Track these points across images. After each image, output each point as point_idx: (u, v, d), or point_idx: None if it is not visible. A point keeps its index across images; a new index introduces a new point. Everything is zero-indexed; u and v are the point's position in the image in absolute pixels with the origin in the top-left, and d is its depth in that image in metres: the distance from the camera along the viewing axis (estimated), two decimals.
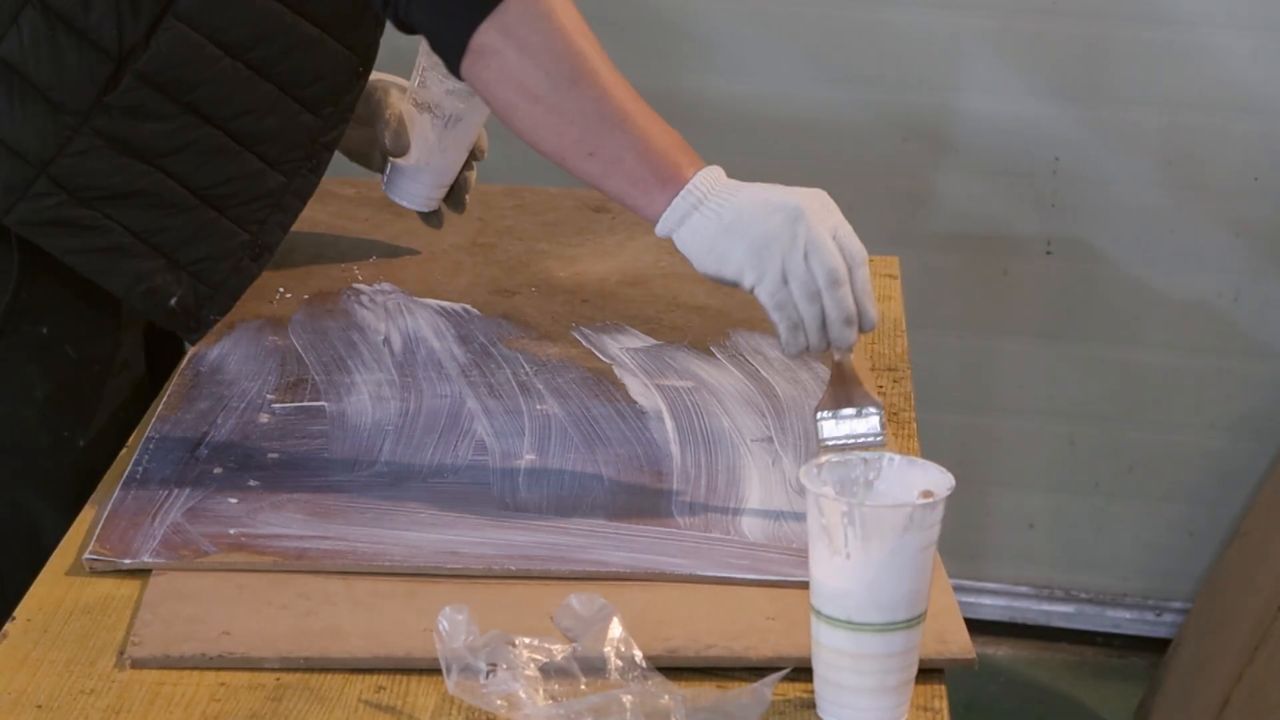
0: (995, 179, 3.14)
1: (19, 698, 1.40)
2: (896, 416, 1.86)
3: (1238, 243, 3.11)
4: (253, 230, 1.85)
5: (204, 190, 1.82)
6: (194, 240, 1.83)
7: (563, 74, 1.67)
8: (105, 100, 1.76)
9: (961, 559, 3.28)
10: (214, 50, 1.77)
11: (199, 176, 1.81)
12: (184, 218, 1.82)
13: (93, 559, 1.56)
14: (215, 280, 1.85)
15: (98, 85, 1.76)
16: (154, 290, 1.82)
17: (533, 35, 1.66)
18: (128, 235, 1.80)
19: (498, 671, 1.38)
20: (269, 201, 1.85)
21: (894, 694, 1.38)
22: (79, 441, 1.84)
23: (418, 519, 1.62)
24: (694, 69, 3.15)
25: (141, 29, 1.75)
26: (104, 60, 1.75)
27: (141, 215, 1.80)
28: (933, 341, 3.15)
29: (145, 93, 1.77)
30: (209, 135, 1.80)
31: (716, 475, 1.70)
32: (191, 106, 1.79)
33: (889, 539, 1.33)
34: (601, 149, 1.68)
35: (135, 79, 1.76)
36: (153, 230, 1.81)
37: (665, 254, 2.15)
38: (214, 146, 1.81)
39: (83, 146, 1.77)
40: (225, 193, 1.82)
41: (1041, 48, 3.07)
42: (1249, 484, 3.20)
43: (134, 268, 1.81)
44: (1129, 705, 3.15)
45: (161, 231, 1.81)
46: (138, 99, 1.77)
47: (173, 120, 1.78)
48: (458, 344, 1.92)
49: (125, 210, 1.80)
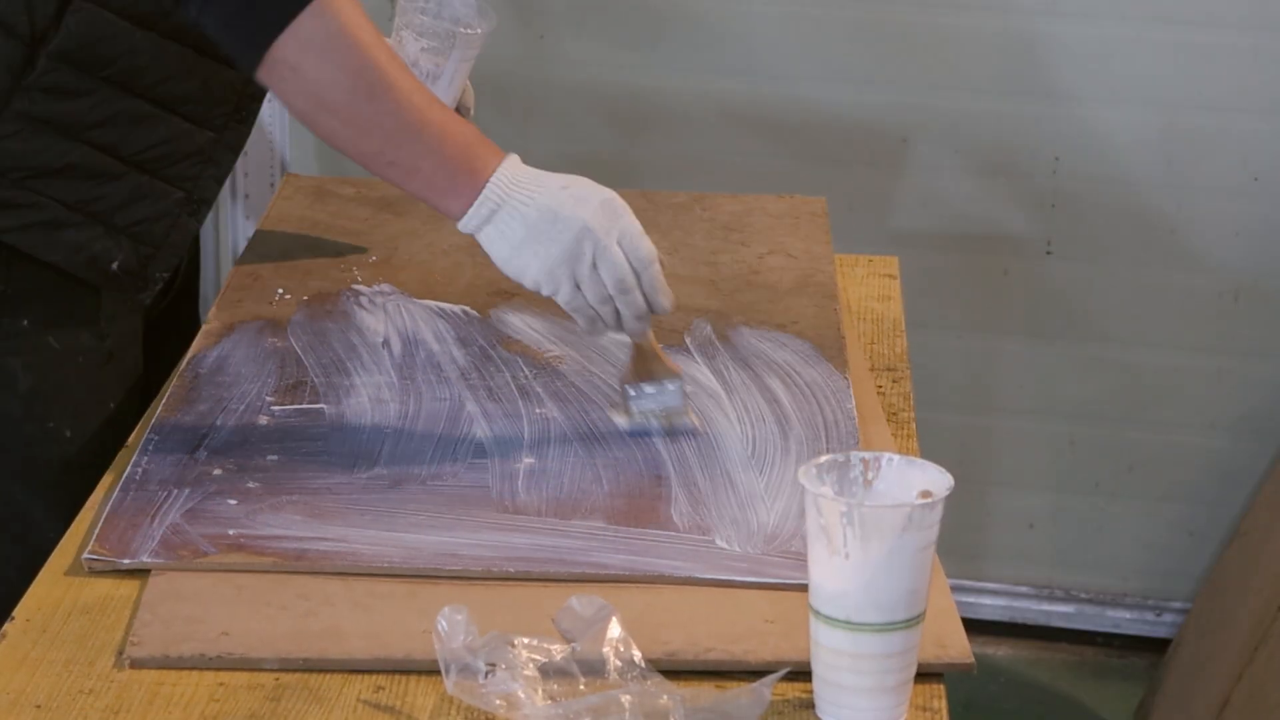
0: (995, 179, 3.14)
1: (18, 698, 1.40)
2: (896, 416, 1.86)
3: (1238, 243, 3.11)
4: (187, 187, 1.88)
5: (133, 157, 1.84)
6: (129, 205, 1.85)
7: (359, 88, 1.68)
8: (23, 83, 1.78)
9: (961, 559, 3.28)
10: (126, 24, 1.79)
11: (126, 144, 1.83)
12: (116, 185, 1.84)
13: (92, 559, 1.56)
14: (155, 239, 1.88)
15: (13, 70, 1.78)
16: (94, 257, 1.84)
17: (328, 50, 1.67)
18: (61, 208, 1.82)
19: (497, 672, 1.38)
20: (200, 158, 1.88)
21: (893, 694, 1.38)
22: (66, 432, 1.84)
23: (417, 521, 1.62)
24: (694, 69, 3.15)
25: (51, 11, 1.77)
26: (16, 45, 1.77)
27: (73, 187, 1.82)
28: (933, 341, 3.15)
29: (62, 72, 1.79)
30: (132, 105, 1.82)
31: (715, 478, 1.70)
32: (111, 79, 1.81)
33: (888, 539, 1.33)
34: (400, 158, 1.71)
35: (51, 60, 1.78)
36: (86, 200, 1.83)
37: (665, 255, 2.15)
38: (138, 115, 1.83)
39: (5, 131, 1.79)
40: (155, 156, 1.85)
41: (1041, 48, 3.07)
42: (1249, 484, 3.19)
43: (71, 239, 1.83)
44: (1129, 705, 3.15)
45: (95, 200, 1.84)
46: (55, 79, 1.79)
47: (93, 95, 1.81)
48: (457, 346, 1.92)
49: (56, 185, 1.82)
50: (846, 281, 2.18)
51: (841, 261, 2.21)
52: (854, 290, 2.16)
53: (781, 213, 2.28)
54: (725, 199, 2.32)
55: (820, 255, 2.17)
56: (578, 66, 3.18)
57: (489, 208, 1.71)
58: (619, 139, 3.20)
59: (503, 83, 3.16)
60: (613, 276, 1.71)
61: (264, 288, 2.03)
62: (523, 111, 3.20)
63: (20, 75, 1.78)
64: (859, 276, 2.20)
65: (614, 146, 3.20)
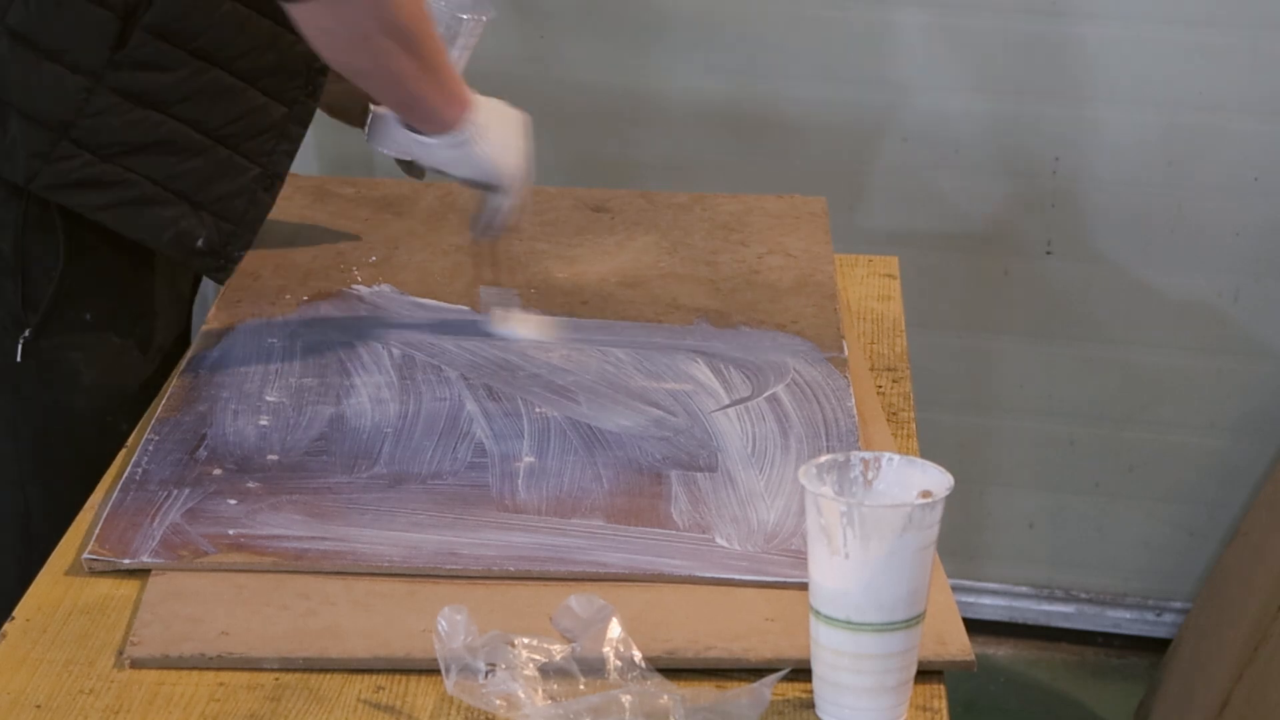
0: (995, 179, 3.14)
1: (18, 698, 1.40)
2: (896, 416, 1.86)
3: (1238, 243, 3.11)
4: (263, 162, 1.93)
5: (215, 131, 1.89)
6: (212, 180, 1.90)
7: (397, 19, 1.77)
8: (116, 57, 1.82)
9: (961, 559, 3.28)
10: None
11: (209, 119, 1.89)
12: (200, 160, 1.89)
13: (92, 559, 1.56)
14: (235, 215, 1.93)
15: (108, 43, 1.82)
16: (181, 235, 1.90)
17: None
18: (150, 184, 1.87)
19: (496, 671, 1.38)
20: (275, 133, 1.93)
21: (893, 694, 1.38)
22: (123, 427, 1.85)
23: (417, 520, 1.62)
24: (694, 69, 3.15)
25: None
26: (111, 19, 1.82)
27: (161, 163, 1.87)
28: (933, 341, 3.15)
29: (153, 45, 1.84)
30: (216, 78, 1.88)
31: (715, 477, 1.70)
32: (198, 53, 1.86)
33: (888, 539, 1.33)
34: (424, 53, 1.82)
35: (143, 33, 1.83)
36: (173, 176, 1.88)
37: (664, 255, 2.16)
38: (221, 88, 1.88)
39: (100, 105, 1.83)
40: (234, 131, 1.90)
41: (1041, 48, 3.07)
42: (1249, 484, 3.20)
43: (160, 215, 1.88)
44: (1129, 705, 3.15)
45: (181, 176, 1.88)
46: (147, 53, 1.84)
47: (182, 68, 1.86)
48: (457, 346, 1.92)
49: (145, 161, 1.87)
50: (846, 281, 2.18)
51: (841, 261, 2.21)
52: (854, 290, 2.16)
53: (781, 212, 2.28)
54: (725, 199, 2.32)
55: (820, 255, 2.17)
56: (578, 66, 3.18)
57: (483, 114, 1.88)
58: (619, 139, 3.20)
59: (503, 82, 3.15)
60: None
61: (264, 288, 2.03)
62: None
63: (115, 49, 1.83)
64: (859, 276, 2.20)
65: (614, 146, 3.20)
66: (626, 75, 3.18)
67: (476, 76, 2.09)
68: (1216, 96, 3.04)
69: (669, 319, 2.00)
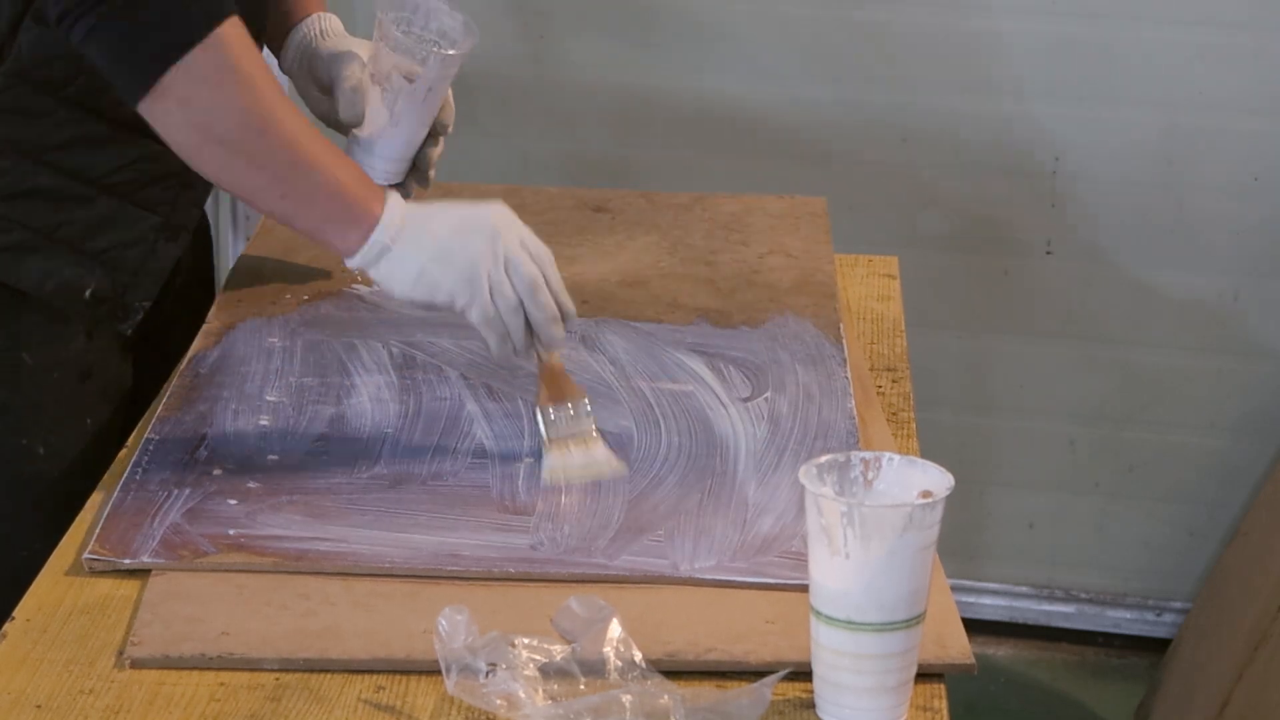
0: (995, 179, 3.14)
1: (18, 698, 1.40)
2: (896, 416, 1.86)
3: (1238, 242, 3.11)
4: (163, 212, 1.85)
5: (101, 180, 1.81)
6: (99, 230, 1.82)
7: (251, 121, 1.65)
8: None
9: (961, 559, 3.28)
10: None
11: (93, 168, 1.80)
12: (85, 209, 1.81)
13: (92, 559, 1.56)
14: (130, 265, 1.84)
15: None
16: (65, 284, 1.81)
17: (221, 83, 1.64)
18: (28, 232, 1.79)
19: (497, 672, 1.38)
20: (175, 181, 1.85)
21: (893, 694, 1.38)
22: (39, 449, 1.82)
23: (417, 521, 1.62)
24: (694, 69, 3.15)
25: (5, 29, 1.74)
26: None
27: (39, 212, 1.79)
28: (933, 341, 3.15)
29: (21, 91, 1.76)
30: (95, 127, 1.79)
31: (715, 478, 1.70)
32: (70, 100, 1.77)
33: (888, 539, 1.33)
34: (293, 192, 1.68)
35: (8, 79, 1.75)
36: (54, 225, 1.80)
37: (665, 255, 2.16)
38: (103, 136, 1.79)
39: None
40: (124, 179, 1.82)
41: (1041, 48, 3.07)
42: (1249, 484, 3.20)
43: (39, 264, 1.80)
44: (1129, 705, 3.15)
45: (63, 225, 1.80)
46: (14, 98, 1.76)
47: (53, 115, 1.77)
48: (457, 346, 1.92)
49: (22, 208, 1.79)
50: (846, 281, 2.18)
51: (841, 261, 2.21)
52: (854, 290, 2.16)
53: (781, 212, 2.28)
54: (725, 199, 2.32)
55: (820, 255, 2.17)
56: (578, 66, 3.18)
57: (389, 235, 1.69)
58: (619, 139, 3.20)
59: (503, 83, 3.16)
60: (524, 279, 1.71)
61: (264, 288, 2.03)
62: (522, 112, 3.20)
63: None
64: (859, 276, 2.20)
65: (614, 146, 3.21)
66: (626, 75, 3.18)
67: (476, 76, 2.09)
68: (1216, 96, 3.04)
69: (669, 319, 2.00)
